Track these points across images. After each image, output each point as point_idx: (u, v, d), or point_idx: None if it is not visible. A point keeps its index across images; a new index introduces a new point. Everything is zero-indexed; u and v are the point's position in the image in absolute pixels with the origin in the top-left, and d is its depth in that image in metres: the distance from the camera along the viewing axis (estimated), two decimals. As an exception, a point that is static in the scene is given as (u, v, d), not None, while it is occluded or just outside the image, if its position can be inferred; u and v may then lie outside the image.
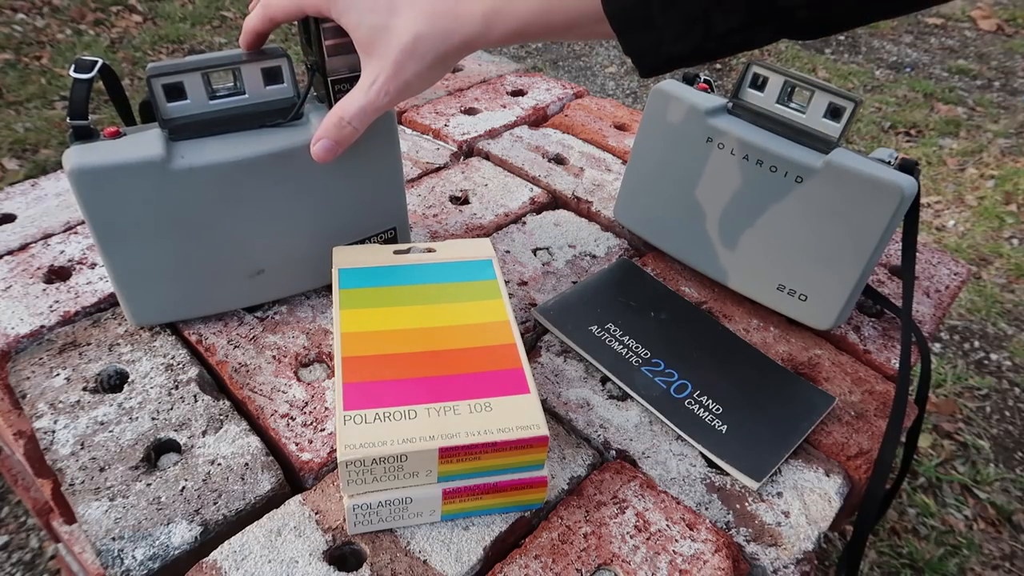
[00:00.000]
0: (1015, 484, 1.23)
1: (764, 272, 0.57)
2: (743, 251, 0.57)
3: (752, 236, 0.56)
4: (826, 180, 0.51)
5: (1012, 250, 1.77)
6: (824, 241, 0.53)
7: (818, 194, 0.52)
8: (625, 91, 2.52)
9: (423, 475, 0.40)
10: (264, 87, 0.48)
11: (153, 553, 0.40)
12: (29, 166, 1.82)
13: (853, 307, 0.58)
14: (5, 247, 0.61)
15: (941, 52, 2.90)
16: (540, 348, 0.55)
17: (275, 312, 0.56)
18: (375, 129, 0.52)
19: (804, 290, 0.55)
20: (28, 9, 2.51)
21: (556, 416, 0.50)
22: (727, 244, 0.58)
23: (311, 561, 0.40)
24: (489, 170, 0.75)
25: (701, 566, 0.41)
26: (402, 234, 0.59)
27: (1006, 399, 1.40)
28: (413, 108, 0.85)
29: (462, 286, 0.49)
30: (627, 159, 0.78)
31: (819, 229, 0.53)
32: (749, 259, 0.57)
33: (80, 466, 0.44)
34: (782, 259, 0.55)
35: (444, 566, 0.40)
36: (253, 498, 0.43)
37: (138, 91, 2.13)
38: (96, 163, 0.44)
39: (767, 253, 0.56)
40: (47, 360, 0.51)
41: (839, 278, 0.53)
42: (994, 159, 2.15)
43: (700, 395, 0.51)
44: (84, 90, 0.45)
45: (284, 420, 0.47)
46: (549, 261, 0.64)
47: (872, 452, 0.49)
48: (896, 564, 1.09)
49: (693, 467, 0.48)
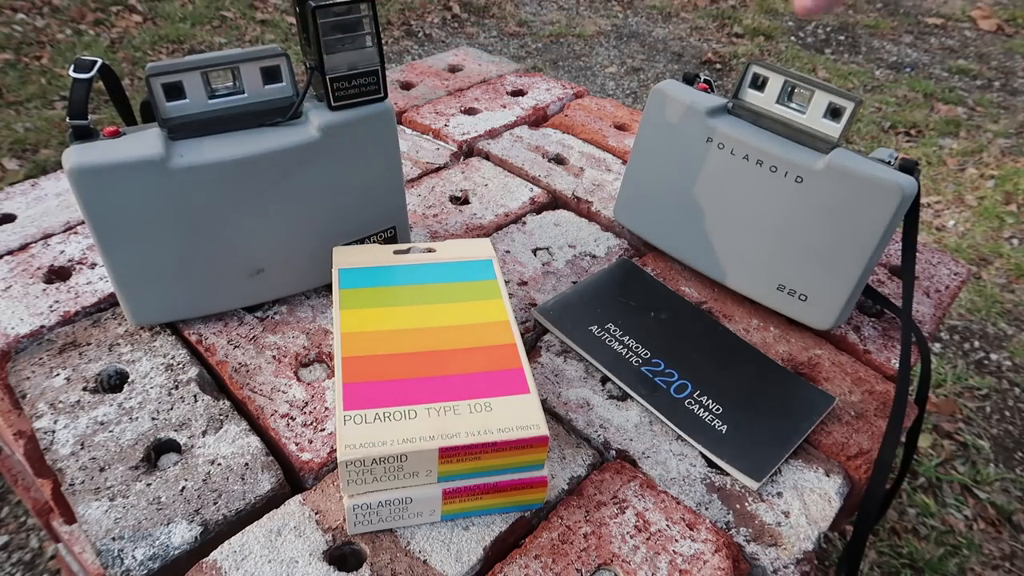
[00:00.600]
0: (1015, 484, 1.23)
1: (764, 272, 0.57)
2: (743, 251, 0.57)
3: (752, 236, 0.56)
4: (826, 180, 0.51)
5: (1012, 250, 1.77)
6: (824, 241, 0.53)
7: (818, 194, 0.52)
8: (625, 91, 2.52)
9: (423, 475, 0.40)
10: (263, 86, 0.48)
11: (153, 553, 0.40)
12: (29, 166, 1.82)
13: (853, 307, 0.58)
14: (5, 247, 0.61)
15: (941, 52, 2.90)
16: (540, 348, 0.55)
17: (275, 312, 0.56)
18: (375, 129, 0.52)
19: (804, 290, 0.55)
20: (28, 9, 2.50)
21: (556, 416, 0.50)
22: (727, 244, 0.58)
23: (311, 561, 0.40)
24: (489, 170, 0.75)
25: (701, 566, 0.41)
26: (402, 234, 0.59)
27: (1006, 399, 1.40)
28: (413, 108, 0.85)
29: (462, 286, 0.49)
30: (627, 159, 0.78)
31: (819, 229, 0.52)
32: (749, 259, 0.57)
33: (80, 466, 0.44)
34: (782, 259, 0.55)
35: (444, 566, 0.40)
36: (253, 498, 0.43)
37: (138, 91, 2.12)
38: (96, 162, 0.44)
39: (767, 253, 0.56)
40: (47, 360, 0.51)
41: (839, 278, 0.53)
42: (994, 159, 2.15)
43: (700, 395, 0.51)
44: (84, 90, 0.45)
45: (284, 420, 0.47)
46: (549, 261, 0.64)
47: (872, 452, 0.49)
48: (896, 564, 1.09)
49: (693, 467, 0.47)
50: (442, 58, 0.99)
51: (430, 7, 3.00)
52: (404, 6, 2.95)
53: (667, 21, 3.15)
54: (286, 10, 2.77)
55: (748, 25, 3.00)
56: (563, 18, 3.08)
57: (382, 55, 0.50)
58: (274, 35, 2.60)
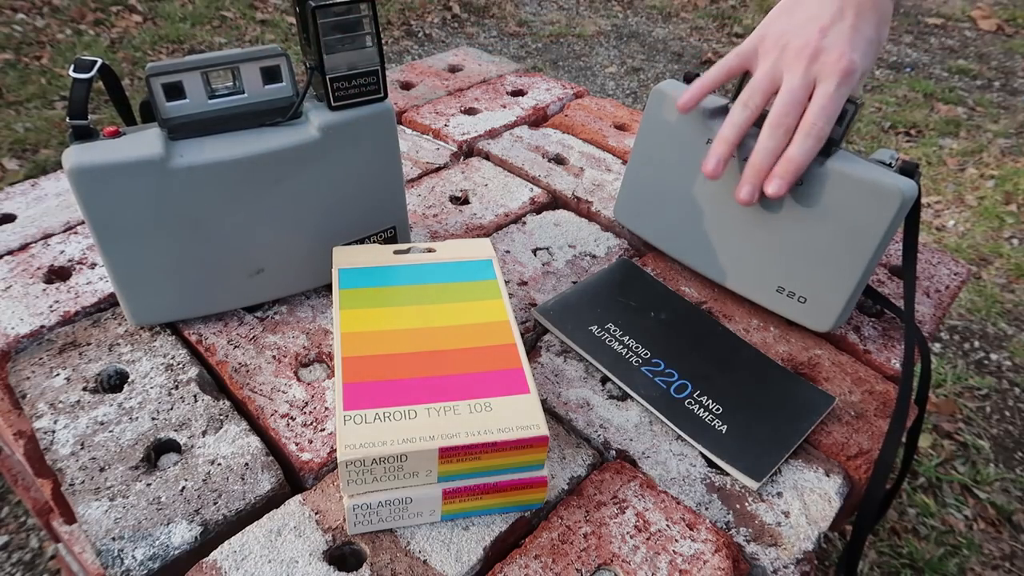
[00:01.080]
0: (1015, 484, 1.23)
1: (763, 274, 0.57)
2: (742, 252, 0.57)
3: (751, 238, 0.56)
4: (826, 183, 0.51)
5: (1012, 250, 1.77)
6: (824, 244, 0.53)
7: (818, 197, 0.52)
8: (625, 91, 2.52)
9: (423, 475, 0.40)
10: (263, 86, 0.48)
11: (153, 553, 0.40)
12: (29, 166, 1.82)
13: (853, 308, 0.58)
14: (5, 247, 0.61)
15: (941, 52, 2.90)
16: (540, 348, 0.55)
17: (275, 312, 0.56)
18: (375, 129, 0.52)
19: (803, 292, 0.55)
20: (28, 9, 2.50)
21: (556, 416, 0.50)
22: (727, 245, 0.58)
23: (311, 561, 0.40)
24: (489, 170, 0.75)
25: (701, 566, 0.41)
26: (402, 234, 0.59)
27: (1006, 399, 1.40)
28: (413, 108, 0.85)
29: (462, 286, 0.49)
30: (627, 159, 0.78)
31: (819, 232, 0.52)
32: (748, 260, 0.57)
33: (80, 466, 0.44)
34: (781, 261, 0.55)
35: (444, 566, 0.40)
36: (253, 498, 0.43)
37: (138, 91, 2.13)
38: (96, 162, 0.44)
39: (766, 255, 0.56)
40: (47, 360, 0.51)
41: (839, 281, 0.53)
42: (994, 159, 2.15)
43: (700, 395, 0.51)
44: (84, 90, 0.45)
45: (284, 420, 0.47)
46: (549, 261, 0.64)
47: (872, 452, 0.49)
48: (896, 564, 1.09)
49: (693, 467, 0.47)
50: (442, 58, 0.99)
51: (430, 7, 3.00)
52: (404, 6, 2.95)
53: (667, 21, 3.15)
54: (286, 10, 2.77)
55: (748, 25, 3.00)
56: (563, 18, 3.09)
57: (382, 55, 0.50)
58: (274, 35, 2.60)
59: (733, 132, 0.51)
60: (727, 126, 0.52)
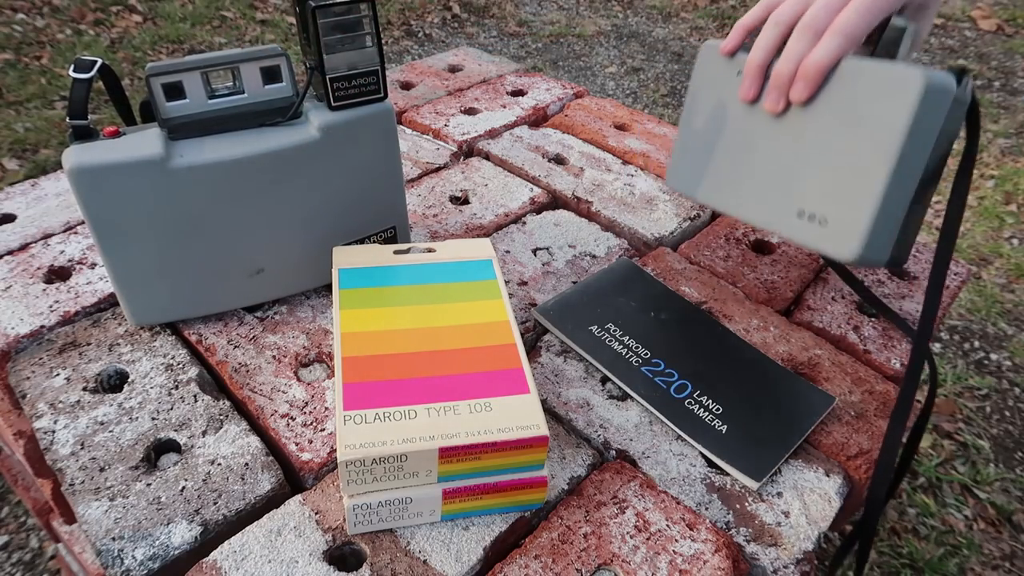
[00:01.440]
0: (1015, 484, 1.23)
1: (785, 198, 0.51)
2: (782, 189, 0.51)
3: (779, 165, 0.51)
4: (843, 82, 0.46)
5: (1012, 250, 1.77)
6: (843, 151, 0.46)
7: (835, 98, 0.47)
8: (625, 91, 2.52)
9: (423, 475, 0.40)
10: (263, 86, 0.48)
11: (153, 553, 0.40)
12: (29, 166, 1.82)
13: (892, 244, 0.48)
14: (5, 247, 0.61)
15: (941, 52, 2.90)
16: (540, 348, 0.55)
17: (275, 312, 0.56)
18: (375, 129, 0.52)
19: (824, 212, 0.48)
20: (28, 9, 2.50)
21: (556, 416, 0.50)
22: (773, 187, 0.52)
23: (311, 561, 0.40)
24: (489, 170, 0.75)
25: (701, 566, 0.41)
26: (402, 234, 0.59)
27: (1006, 399, 1.40)
28: (413, 108, 0.85)
29: (462, 286, 0.49)
30: (627, 159, 0.78)
31: (838, 138, 0.47)
32: (776, 191, 0.51)
33: (80, 466, 0.44)
34: (801, 179, 0.50)
35: (444, 566, 0.40)
36: (253, 498, 0.43)
37: (138, 91, 2.13)
38: (95, 162, 0.44)
39: (788, 177, 0.50)
40: (47, 360, 0.51)
41: (860, 194, 0.46)
42: (994, 159, 2.15)
43: (700, 395, 0.51)
44: (84, 90, 0.45)
45: (284, 420, 0.47)
46: (549, 261, 0.64)
47: (872, 452, 0.49)
48: (896, 564, 1.09)
49: (693, 467, 0.47)
50: (442, 58, 0.99)
51: (430, 7, 3.00)
52: (404, 6, 2.95)
53: (667, 21, 3.15)
54: (286, 10, 2.77)
55: (748, 25, 3.00)
56: (563, 18, 3.09)
57: (382, 55, 0.50)
58: (274, 35, 2.60)
59: (761, 54, 0.49)
60: (756, 48, 0.49)
